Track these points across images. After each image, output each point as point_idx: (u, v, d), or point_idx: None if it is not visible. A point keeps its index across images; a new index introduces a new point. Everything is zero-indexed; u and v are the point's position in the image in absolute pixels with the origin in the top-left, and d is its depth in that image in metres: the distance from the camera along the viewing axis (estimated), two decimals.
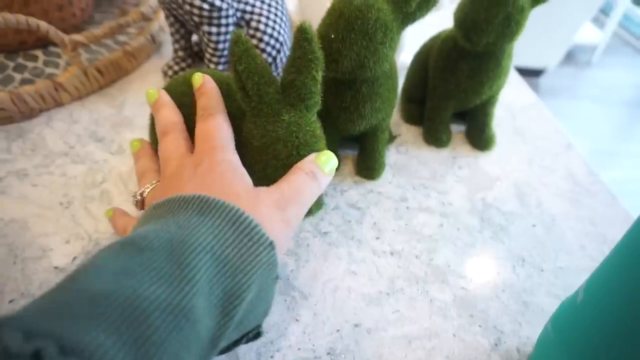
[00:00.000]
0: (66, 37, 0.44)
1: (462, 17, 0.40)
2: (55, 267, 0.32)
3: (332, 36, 0.32)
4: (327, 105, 0.33)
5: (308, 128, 0.30)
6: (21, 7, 0.48)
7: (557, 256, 0.37)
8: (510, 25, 0.38)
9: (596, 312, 0.24)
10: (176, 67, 0.52)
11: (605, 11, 2.69)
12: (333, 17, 0.33)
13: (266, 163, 0.30)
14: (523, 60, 2.05)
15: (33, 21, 0.41)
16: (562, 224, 0.40)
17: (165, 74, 0.52)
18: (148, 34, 0.54)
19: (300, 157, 0.30)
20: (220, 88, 0.35)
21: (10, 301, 0.30)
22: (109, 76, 0.50)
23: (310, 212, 0.38)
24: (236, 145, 0.33)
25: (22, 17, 0.41)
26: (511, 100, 0.56)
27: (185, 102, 0.35)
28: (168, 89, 0.36)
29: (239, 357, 0.29)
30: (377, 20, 0.32)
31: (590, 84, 2.35)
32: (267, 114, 0.30)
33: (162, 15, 0.59)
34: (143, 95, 0.50)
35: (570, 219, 0.41)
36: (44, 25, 0.42)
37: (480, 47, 0.40)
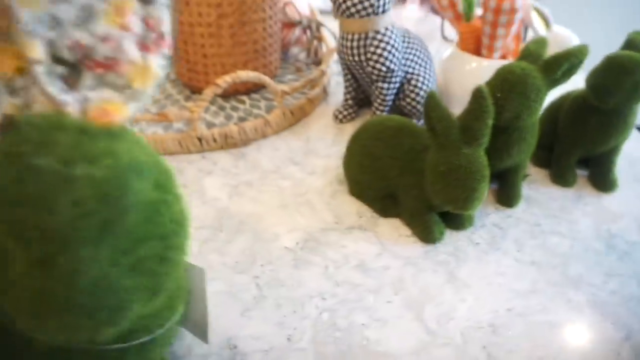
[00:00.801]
0: (278, 88, 0.61)
1: (594, 82, 0.50)
2: (285, 247, 0.46)
3: (498, 95, 0.44)
4: None
5: (480, 159, 0.42)
6: (243, 66, 0.66)
7: None
8: (637, 90, 0.48)
9: None
10: (345, 112, 0.67)
11: None
12: (498, 81, 0.45)
13: (447, 183, 0.42)
14: None
15: (260, 76, 0.58)
16: None
17: (336, 117, 0.67)
18: (322, 86, 0.71)
19: (475, 180, 0.41)
20: (405, 128, 0.48)
21: (261, 265, 0.44)
22: (296, 117, 0.66)
23: (463, 227, 0.49)
24: (420, 171, 0.45)
25: (253, 73, 0.58)
26: (631, 150, 0.63)
27: (381, 137, 0.48)
28: (366, 126, 0.50)
29: (424, 319, 0.40)
30: (532, 85, 0.44)
31: None
32: (449, 148, 0.42)
33: (329, 71, 0.75)
34: (321, 132, 0.65)
35: None
36: (267, 79, 0.59)
37: (609, 106, 0.50)
